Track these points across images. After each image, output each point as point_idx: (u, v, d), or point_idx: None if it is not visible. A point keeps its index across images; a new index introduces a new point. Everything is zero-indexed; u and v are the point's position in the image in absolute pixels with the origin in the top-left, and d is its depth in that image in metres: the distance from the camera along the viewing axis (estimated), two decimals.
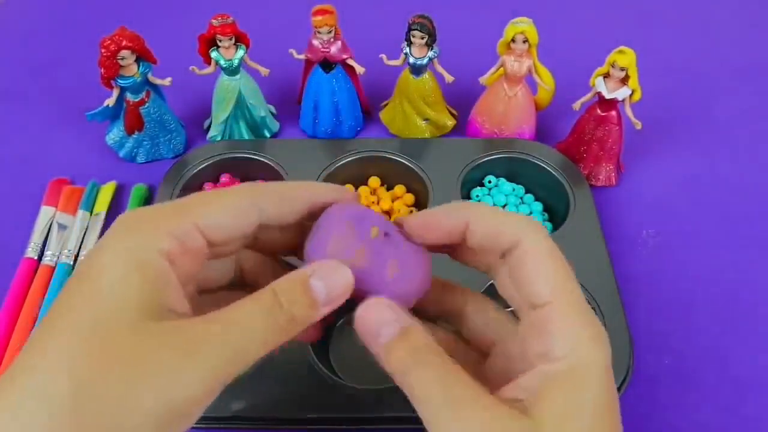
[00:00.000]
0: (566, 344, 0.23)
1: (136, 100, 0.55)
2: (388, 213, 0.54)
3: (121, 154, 0.58)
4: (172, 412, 0.21)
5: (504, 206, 0.54)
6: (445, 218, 0.26)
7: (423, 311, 0.29)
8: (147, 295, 0.21)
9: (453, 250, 0.28)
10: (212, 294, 0.28)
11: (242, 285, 0.30)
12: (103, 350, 0.20)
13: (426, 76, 0.57)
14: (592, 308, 0.43)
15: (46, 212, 0.53)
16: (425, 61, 0.55)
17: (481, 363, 0.28)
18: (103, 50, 0.51)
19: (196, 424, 0.41)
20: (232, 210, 0.24)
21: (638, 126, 0.54)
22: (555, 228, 0.52)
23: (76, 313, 0.21)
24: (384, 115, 0.62)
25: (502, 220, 0.25)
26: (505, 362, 0.26)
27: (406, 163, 0.54)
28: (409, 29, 0.53)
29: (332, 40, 0.55)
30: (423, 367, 0.23)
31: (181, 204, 0.24)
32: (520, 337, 0.25)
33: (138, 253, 0.22)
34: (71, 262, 0.50)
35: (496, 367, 0.26)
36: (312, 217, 0.27)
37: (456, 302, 0.29)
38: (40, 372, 0.20)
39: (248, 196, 0.25)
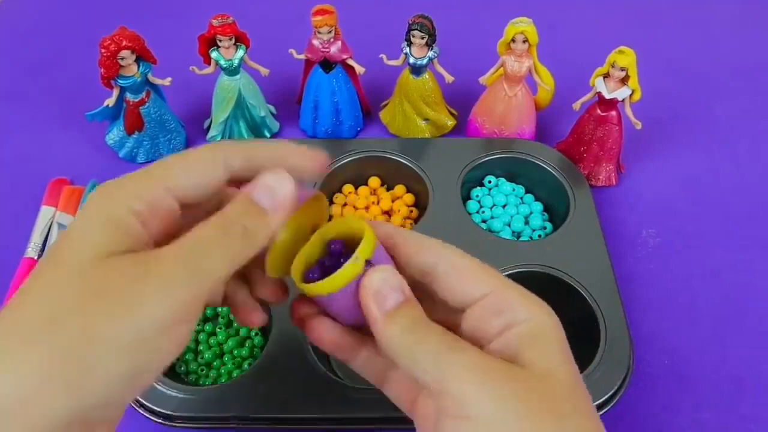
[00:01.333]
0: (524, 311, 0.26)
1: (136, 100, 0.55)
2: (388, 213, 0.54)
3: (121, 154, 0.59)
4: (140, 339, 0.21)
5: (504, 206, 0.54)
6: (380, 228, 0.28)
7: None
8: (113, 241, 0.23)
9: None
10: None
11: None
12: (70, 286, 0.21)
13: (426, 76, 0.57)
14: (592, 308, 0.44)
15: (46, 212, 0.53)
16: (425, 61, 0.55)
17: None
18: (103, 50, 0.51)
19: (195, 424, 0.42)
20: (197, 167, 0.25)
21: (638, 126, 0.54)
22: (555, 228, 0.52)
23: (52, 259, 0.23)
24: (384, 115, 0.62)
25: (428, 242, 0.28)
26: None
27: (406, 163, 0.54)
28: (409, 29, 0.53)
29: (332, 40, 0.55)
30: (419, 331, 0.25)
31: (150, 170, 0.25)
32: (475, 322, 0.27)
33: (108, 210, 0.23)
34: None
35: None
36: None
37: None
38: (24, 311, 0.22)
39: (212, 151, 0.26)
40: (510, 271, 0.47)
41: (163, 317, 0.22)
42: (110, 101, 0.54)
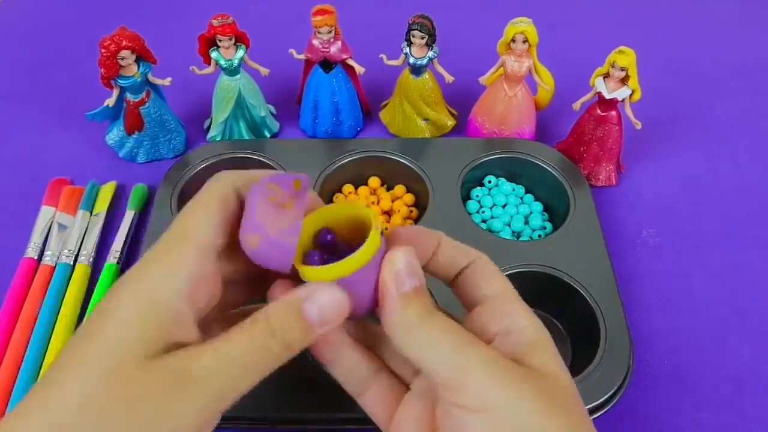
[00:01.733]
0: (523, 319, 0.27)
1: (136, 100, 0.55)
2: (388, 213, 0.54)
3: (121, 154, 0.59)
4: None
5: (504, 206, 0.54)
6: (426, 235, 0.29)
7: None
8: (154, 334, 0.22)
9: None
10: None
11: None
12: (103, 390, 0.21)
13: (426, 76, 0.57)
14: (592, 308, 0.44)
15: (46, 212, 0.53)
16: (425, 61, 0.55)
17: None
18: (103, 50, 0.51)
19: None
20: (214, 212, 0.25)
21: (638, 126, 0.54)
22: (555, 228, 0.52)
23: (87, 352, 0.22)
24: (384, 115, 0.62)
25: (463, 246, 0.29)
26: None
27: (406, 163, 0.54)
28: (409, 29, 0.53)
29: (332, 40, 0.55)
30: (436, 321, 0.25)
31: (174, 238, 0.25)
32: (475, 321, 0.27)
33: (147, 303, 0.23)
34: (71, 263, 0.50)
35: None
36: None
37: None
38: (52, 408, 0.21)
39: (219, 190, 0.26)
40: (510, 271, 0.46)
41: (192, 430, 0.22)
42: (110, 101, 0.54)
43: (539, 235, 0.52)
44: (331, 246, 0.27)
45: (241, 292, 0.29)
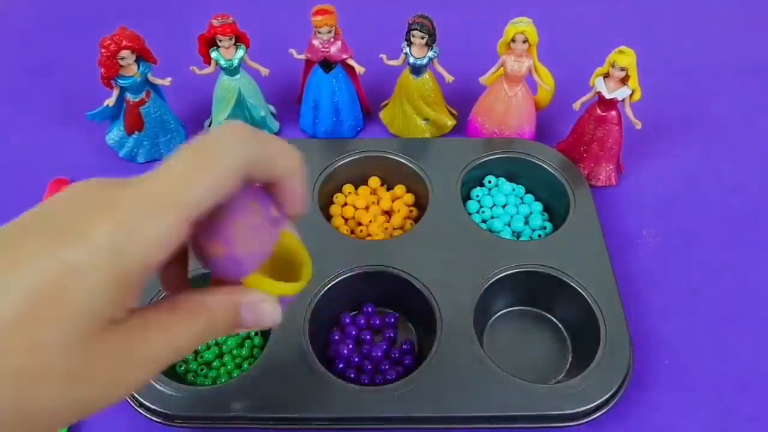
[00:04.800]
0: None
1: (136, 100, 0.55)
2: (388, 213, 0.54)
3: (121, 154, 0.59)
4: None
5: (504, 206, 0.54)
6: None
7: None
8: (118, 305, 0.21)
9: None
10: None
11: None
12: (61, 360, 0.20)
13: (426, 76, 0.57)
14: (592, 308, 0.44)
15: None
16: (425, 61, 0.55)
17: None
18: (103, 50, 0.51)
19: (195, 424, 0.42)
20: (218, 185, 0.22)
21: (638, 126, 0.54)
22: (555, 228, 0.52)
23: (49, 315, 0.20)
24: (384, 115, 0.62)
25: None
26: None
27: (406, 163, 0.54)
28: (409, 29, 0.53)
29: (332, 40, 0.55)
30: None
31: (169, 200, 0.22)
32: None
33: (121, 271, 0.21)
34: None
35: None
36: None
37: None
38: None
39: (233, 162, 0.23)
40: (510, 271, 0.47)
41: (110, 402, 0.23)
42: (110, 101, 0.54)
43: (539, 235, 0.52)
44: None
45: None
